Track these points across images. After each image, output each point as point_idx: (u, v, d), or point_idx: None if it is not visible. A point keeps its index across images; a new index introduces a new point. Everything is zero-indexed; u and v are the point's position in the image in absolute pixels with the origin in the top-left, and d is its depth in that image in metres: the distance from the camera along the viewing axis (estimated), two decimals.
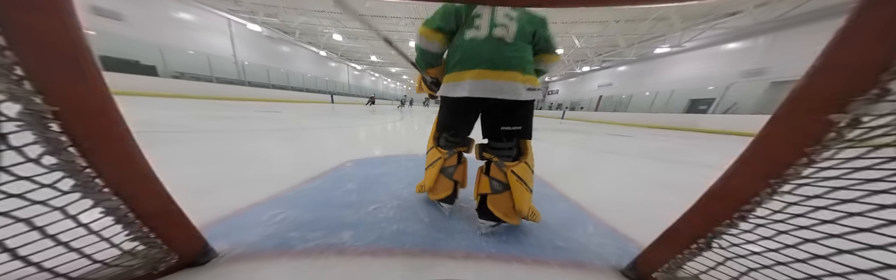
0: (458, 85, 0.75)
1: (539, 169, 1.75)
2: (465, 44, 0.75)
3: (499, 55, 0.73)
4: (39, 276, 0.43)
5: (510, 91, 0.72)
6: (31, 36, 0.33)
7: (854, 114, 0.32)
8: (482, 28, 0.74)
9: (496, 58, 0.73)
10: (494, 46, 0.73)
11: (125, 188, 0.45)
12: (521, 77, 0.73)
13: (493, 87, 0.72)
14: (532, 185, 0.82)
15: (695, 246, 0.51)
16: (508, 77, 0.72)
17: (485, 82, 0.72)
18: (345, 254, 0.67)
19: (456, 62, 0.77)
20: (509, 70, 0.72)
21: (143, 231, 0.51)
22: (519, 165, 0.79)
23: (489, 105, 0.77)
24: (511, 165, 0.79)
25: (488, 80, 0.72)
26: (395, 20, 11.47)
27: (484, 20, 0.74)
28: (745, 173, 0.43)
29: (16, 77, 0.33)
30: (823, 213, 0.39)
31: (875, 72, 0.30)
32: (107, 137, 0.42)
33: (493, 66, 0.72)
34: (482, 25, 0.74)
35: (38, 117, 0.35)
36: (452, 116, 0.88)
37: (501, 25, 0.73)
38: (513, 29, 0.74)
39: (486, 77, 0.72)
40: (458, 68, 0.76)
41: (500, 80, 0.72)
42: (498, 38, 0.73)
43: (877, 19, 0.30)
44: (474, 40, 0.74)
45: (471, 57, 0.74)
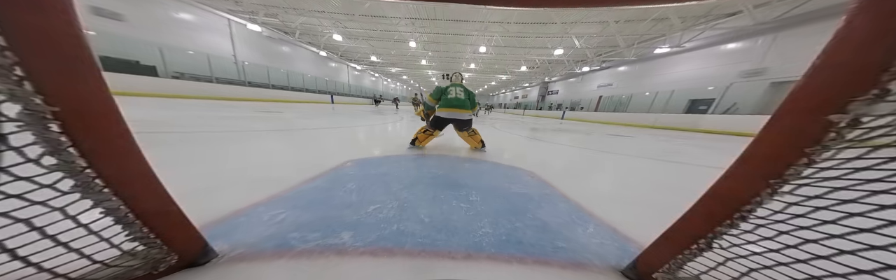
0: (448, 113, 2.24)
1: (539, 169, 1.76)
2: (448, 100, 2.24)
3: (460, 103, 2.24)
4: (40, 277, 0.43)
5: (464, 115, 2.28)
6: (31, 36, 0.33)
7: (854, 114, 0.32)
8: (452, 95, 2.26)
9: (459, 104, 2.24)
10: (458, 101, 2.24)
11: (125, 188, 0.45)
12: (467, 111, 2.29)
13: (458, 114, 2.26)
14: (480, 137, 2.49)
15: (695, 246, 0.51)
16: (463, 111, 2.26)
17: (455, 112, 2.25)
18: (345, 254, 0.67)
19: (444, 105, 2.25)
20: (463, 108, 2.26)
21: (143, 231, 0.51)
22: (471, 132, 2.45)
23: (454, 120, 2.29)
24: (466, 133, 2.44)
25: (456, 112, 2.25)
26: (395, 20, 11.47)
27: (452, 93, 2.26)
28: (746, 173, 0.43)
29: (16, 77, 0.33)
30: (824, 214, 0.39)
31: (875, 72, 0.30)
32: (107, 138, 0.42)
33: (459, 106, 2.25)
34: (452, 94, 2.26)
35: (38, 118, 0.35)
36: (441, 123, 2.31)
37: (457, 95, 2.27)
38: (462, 96, 2.28)
39: (455, 110, 2.25)
40: (445, 107, 2.24)
41: (461, 112, 2.26)
42: (459, 98, 2.26)
43: (876, 19, 0.30)
44: (451, 99, 2.24)
45: (450, 104, 2.23)
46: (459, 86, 2.32)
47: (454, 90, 2.25)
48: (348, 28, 12.58)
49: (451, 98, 2.22)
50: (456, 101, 2.22)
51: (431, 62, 20.36)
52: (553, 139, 3.87)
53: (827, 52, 0.34)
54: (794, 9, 6.78)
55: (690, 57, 9.94)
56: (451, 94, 2.23)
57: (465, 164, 1.83)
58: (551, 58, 14.67)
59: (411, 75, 30.72)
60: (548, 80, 22.50)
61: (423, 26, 11.90)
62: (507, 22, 10.85)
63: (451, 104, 2.20)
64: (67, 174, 0.39)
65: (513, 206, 1.07)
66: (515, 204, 1.09)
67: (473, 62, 18.82)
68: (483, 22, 10.96)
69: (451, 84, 2.32)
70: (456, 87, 2.27)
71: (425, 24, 11.68)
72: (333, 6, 10.12)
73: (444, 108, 2.20)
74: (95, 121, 0.40)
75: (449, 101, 2.21)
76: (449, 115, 2.21)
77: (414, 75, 30.55)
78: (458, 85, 2.32)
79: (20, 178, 0.36)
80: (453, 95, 2.23)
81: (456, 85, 2.31)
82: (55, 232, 0.41)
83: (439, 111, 2.23)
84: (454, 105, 2.21)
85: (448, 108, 2.19)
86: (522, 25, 11.22)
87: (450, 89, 2.25)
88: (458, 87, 2.28)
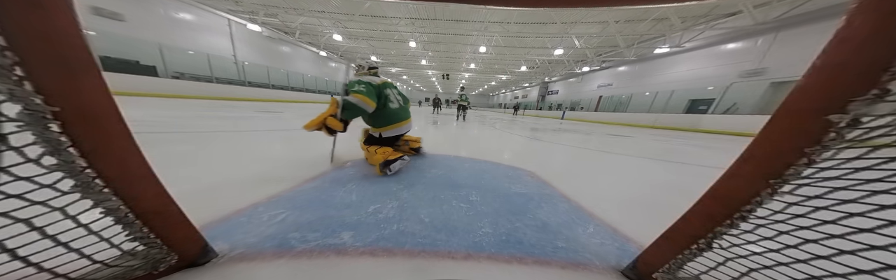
0: (401, 128, 1.63)
1: (539, 169, 1.76)
2: (393, 112, 1.57)
3: (407, 113, 1.69)
4: (40, 277, 0.43)
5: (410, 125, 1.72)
6: (31, 36, 0.33)
7: (854, 114, 0.32)
8: (394, 104, 1.58)
9: (406, 114, 1.68)
10: (405, 111, 1.67)
11: (125, 188, 0.45)
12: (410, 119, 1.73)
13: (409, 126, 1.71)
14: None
15: (695, 246, 0.51)
16: (409, 120, 1.70)
17: (405, 126, 1.65)
18: (345, 254, 0.67)
19: (391, 120, 1.57)
20: (409, 117, 1.70)
21: (143, 231, 0.51)
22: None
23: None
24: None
25: (405, 125, 1.66)
26: (395, 20, 11.47)
27: (393, 100, 1.58)
28: (746, 173, 0.43)
29: (16, 77, 0.33)
30: (824, 214, 0.39)
31: (875, 72, 0.30)
32: (107, 138, 0.42)
33: (406, 117, 1.66)
34: (394, 103, 1.57)
35: (39, 118, 0.35)
36: (394, 140, 1.71)
37: (399, 102, 1.63)
38: (401, 99, 1.68)
39: (405, 123, 1.65)
40: (395, 122, 1.58)
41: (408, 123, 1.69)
42: (405, 107, 1.70)
43: (876, 19, 0.30)
44: (397, 111, 1.59)
45: (398, 118, 1.60)
46: (393, 87, 1.64)
47: (393, 94, 1.59)
48: (348, 28, 12.58)
49: (397, 109, 1.58)
50: (403, 112, 1.64)
51: (431, 62, 20.35)
52: (553, 139, 3.87)
53: (827, 52, 0.34)
54: (794, 9, 6.78)
55: (690, 57, 9.94)
56: (393, 103, 1.55)
57: (464, 164, 1.83)
58: (551, 58, 14.67)
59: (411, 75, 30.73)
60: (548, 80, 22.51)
61: (423, 26, 11.90)
62: (507, 22, 10.85)
63: (401, 117, 1.59)
64: (67, 174, 0.39)
65: (513, 206, 1.07)
66: (515, 204, 1.09)
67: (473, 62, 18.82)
68: (483, 22, 10.97)
69: (384, 84, 1.56)
70: (392, 90, 1.61)
71: (425, 24, 11.68)
72: (333, 6, 10.13)
73: (393, 126, 1.57)
74: (95, 121, 0.40)
75: (395, 113, 1.56)
76: (399, 132, 1.63)
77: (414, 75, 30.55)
78: (390, 85, 1.62)
79: (20, 178, 0.36)
80: (397, 105, 1.58)
81: (389, 85, 1.60)
82: (55, 232, 0.41)
83: (389, 129, 1.57)
84: (403, 117, 1.61)
85: (398, 123, 1.58)
86: (522, 25, 11.22)
87: (387, 93, 1.55)
88: (393, 90, 1.63)
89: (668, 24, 9.19)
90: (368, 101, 1.37)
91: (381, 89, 1.50)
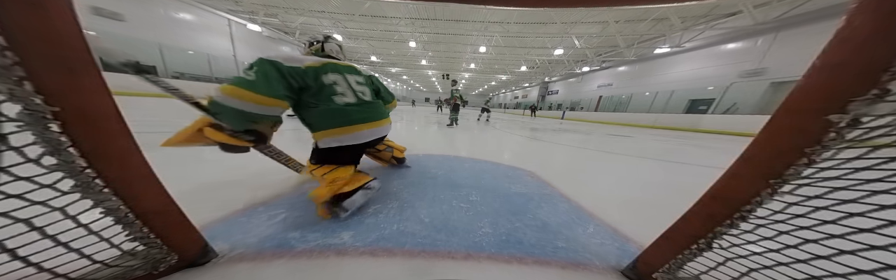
0: (357, 135, 0.97)
1: (539, 169, 1.76)
2: (340, 111, 0.93)
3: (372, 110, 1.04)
4: (39, 277, 0.43)
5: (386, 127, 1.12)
6: (31, 36, 0.33)
7: (854, 114, 0.32)
8: (345, 97, 0.95)
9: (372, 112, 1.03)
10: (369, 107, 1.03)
11: (125, 188, 0.45)
12: (387, 120, 1.13)
13: (378, 130, 1.05)
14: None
15: (695, 246, 0.51)
16: (382, 122, 1.08)
17: (377, 130, 1.04)
18: (345, 254, 0.67)
19: (339, 121, 0.94)
20: (382, 116, 1.09)
21: (143, 231, 0.51)
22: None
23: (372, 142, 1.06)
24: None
25: (380, 129, 1.06)
26: (395, 20, 11.47)
27: (341, 88, 0.95)
28: (746, 173, 0.43)
29: (16, 77, 0.33)
30: (824, 214, 0.39)
31: (875, 72, 0.30)
32: (107, 138, 0.42)
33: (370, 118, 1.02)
34: (344, 95, 0.95)
35: (39, 118, 0.35)
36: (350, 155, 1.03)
37: (357, 90, 1.01)
38: (366, 89, 1.07)
39: (371, 125, 1.01)
40: (345, 124, 0.94)
41: (380, 124, 1.06)
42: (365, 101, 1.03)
43: (876, 19, 0.30)
44: (351, 107, 0.96)
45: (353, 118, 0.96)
46: (352, 72, 1.02)
47: (345, 83, 0.96)
48: (348, 28, 12.58)
49: (351, 105, 0.95)
50: (367, 112, 1.00)
51: (431, 62, 20.35)
52: (553, 139, 3.87)
53: (827, 52, 0.34)
54: (794, 9, 6.78)
55: (690, 57, 9.94)
56: (341, 96, 0.93)
57: (464, 164, 1.83)
58: (551, 58, 14.67)
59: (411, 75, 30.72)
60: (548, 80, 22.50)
61: (423, 26, 11.90)
62: (507, 22, 10.85)
63: (355, 118, 0.95)
64: (67, 174, 0.39)
65: (513, 206, 1.07)
66: (515, 204, 1.09)
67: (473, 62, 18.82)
68: (483, 22, 10.97)
69: (325, 66, 0.92)
70: (349, 76, 0.98)
71: (425, 24, 11.68)
72: (333, 6, 10.13)
73: (339, 130, 0.93)
74: (95, 121, 0.40)
75: (342, 111, 0.93)
76: (354, 140, 0.96)
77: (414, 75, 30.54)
78: (346, 69, 0.99)
79: (20, 178, 0.36)
80: (351, 99, 0.96)
81: (340, 69, 0.96)
82: (55, 232, 0.41)
83: (332, 135, 0.93)
84: (361, 118, 0.97)
85: (348, 126, 0.94)
86: (522, 25, 11.22)
87: (332, 80, 0.92)
88: (352, 76, 1.00)
89: (668, 24, 9.19)
90: (250, 96, 0.74)
91: (316, 74, 0.87)
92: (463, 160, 1.96)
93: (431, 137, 3.30)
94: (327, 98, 0.91)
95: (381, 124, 1.05)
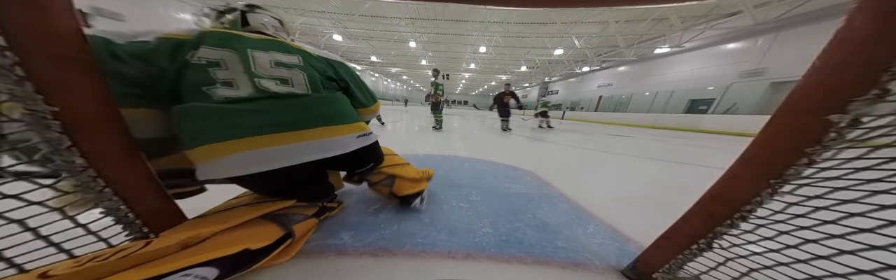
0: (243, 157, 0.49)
1: (539, 169, 1.76)
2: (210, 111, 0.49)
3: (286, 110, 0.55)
4: None
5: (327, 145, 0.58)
6: (32, 36, 0.33)
7: (854, 114, 0.32)
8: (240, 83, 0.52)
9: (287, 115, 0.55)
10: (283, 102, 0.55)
11: (125, 188, 0.45)
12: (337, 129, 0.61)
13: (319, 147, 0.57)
14: (401, 160, 0.97)
15: (695, 246, 0.51)
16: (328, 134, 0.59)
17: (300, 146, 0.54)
18: (345, 254, 0.67)
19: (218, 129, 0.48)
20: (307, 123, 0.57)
21: (143, 231, 0.51)
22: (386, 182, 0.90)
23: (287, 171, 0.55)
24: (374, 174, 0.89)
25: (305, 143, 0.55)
26: (395, 20, 11.48)
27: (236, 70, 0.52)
28: (746, 173, 0.43)
29: (16, 77, 0.33)
30: (824, 214, 0.39)
31: (875, 72, 0.30)
32: (107, 137, 0.42)
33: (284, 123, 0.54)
34: (237, 80, 0.52)
35: (38, 117, 0.35)
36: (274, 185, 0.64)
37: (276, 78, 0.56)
38: (298, 80, 0.59)
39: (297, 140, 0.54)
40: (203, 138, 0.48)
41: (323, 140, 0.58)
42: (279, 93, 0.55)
43: (876, 19, 0.30)
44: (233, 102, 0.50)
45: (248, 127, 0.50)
46: (269, 44, 0.60)
47: (239, 60, 0.53)
48: (348, 28, 12.57)
49: (243, 100, 0.51)
50: (281, 108, 0.54)
51: (431, 62, 20.35)
52: (553, 139, 3.86)
53: (827, 52, 0.34)
54: (794, 9, 6.78)
55: (690, 57, 9.94)
56: (222, 85, 0.50)
57: (464, 163, 1.83)
58: (551, 58, 14.67)
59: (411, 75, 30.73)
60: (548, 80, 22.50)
61: (423, 26, 11.90)
62: (507, 22, 10.85)
63: (252, 121, 0.50)
64: (67, 174, 0.39)
65: (513, 205, 1.07)
66: (515, 204, 1.09)
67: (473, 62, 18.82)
68: (483, 22, 10.97)
69: (217, 31, 0.55)
70: (261, 51, 0.57)
71: (425, 24, 11.68)
72: (333, 6, 10.12)
73: (213, 147, 0.47)
74: (95, 120, 0.40)
75: (220, 113, 0.48)
76: (260, 161, 0.50)
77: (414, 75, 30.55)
78: (265, 42, 0.60)
79: (20, 178, 0.36)
80: (242, 89, 0.52)
81: (254, 40, 0.58)
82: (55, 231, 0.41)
83: (204, 159, 0.47)
84: (270, 123, 0.52)
85: (231, 139, 0.48)
86: (522, 25, 11.22)
87: (206, 55, 0.50)
88: (266, 51, 0.58)
89: (668, 24, 9.19)
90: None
91: (174, 51, 0.49)
92: (463, 160, 1.96)
93: (432, 137, 3.30)
94: (192, 90, 0.49)
95: (313, 137, 0.56)
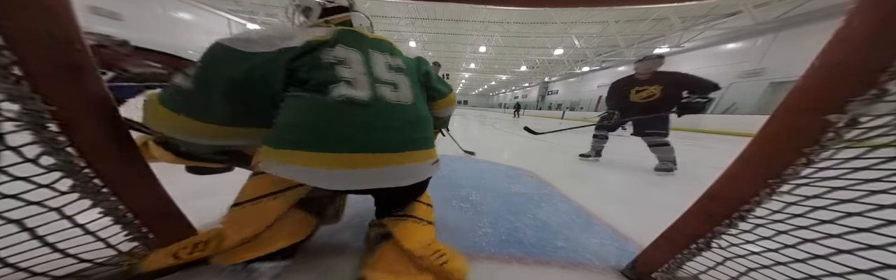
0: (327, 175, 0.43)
1: (539, 169, 1.76)
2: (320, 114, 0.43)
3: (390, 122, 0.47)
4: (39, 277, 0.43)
5: (404, 171, 0.49)
6: (31, 36, 0.33)
7: (852, 114, 0.32)
8: (340, 89, 0.44)
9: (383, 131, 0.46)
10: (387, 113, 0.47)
11: (124, 188, 0.45)
12: (417, 156, 0.50)
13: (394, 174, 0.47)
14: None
15: (694, 246, 0.51)
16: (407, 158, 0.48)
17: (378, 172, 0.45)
18: (346, 254, 0.67)
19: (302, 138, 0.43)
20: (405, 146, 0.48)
21: (142, 231, 0.51)
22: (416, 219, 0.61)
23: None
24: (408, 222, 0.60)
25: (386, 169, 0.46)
26: (395, 20, 11.47)
27: (357, 71, 0.47)
28: (745, 173, 0.43)
29: (14, 77, 0.33)
30: (822, 213, 0.39)
31: (873, 72, 0.30)
32: (105, 137, 0.42)
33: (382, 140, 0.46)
34: (358, 81, 0.46)
35: (37, 117, 0.35)
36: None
37: (388, 83, 0.50)
38: (406, 87, 0.52)
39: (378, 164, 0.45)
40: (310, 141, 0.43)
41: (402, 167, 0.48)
42: (387, 101, 0.48)
43: (876, 19, 0.30)
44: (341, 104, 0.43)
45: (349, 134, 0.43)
46: (381, 43, 0.55)
47: (362, 60, 0.49)
48: None
49: (359, 103, 0.44)
50: (387, 119, 0.47)
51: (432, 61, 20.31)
52: (553, 139, 3.87)
53: (826, 52, 0.34)
54: (794, 9, 6.78)
55: (690, 57, 9.94)
56: (345, 83, 0.44)
57: (464, 163, 1.83)
58: (551, 58, 14.67)
59: None
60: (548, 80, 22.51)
61: (423, 26, 11.89)
62: (507, 22, 10.85)
63: (357, 134, 0.43)
64: (66, 174, 0.39)
65: (512, 205, 1.07)
66: (515, 204, 1.09)
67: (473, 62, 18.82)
68: (483, 22, 10.97)
69: (344, 30, 0.51)
70: (378, 52, 0.52)
71: (425, 23, 11.68)
72: None
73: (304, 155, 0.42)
74: (94, 120, 0.40)
75: (335, 115, 0.43)
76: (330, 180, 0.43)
77: None
78: (378, 42, 0.55)
79: (18, 178, 0.36)
80: (361, 90, 0.45)
81: (371, 40, 0.54)
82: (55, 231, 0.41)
83: (283, 160, 0.43)
84: (371, 140, 0.44)
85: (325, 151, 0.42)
86: (522, 25, 11.22)
87: (335, 55, 0.46)
88: (382, 52, 0.53)
89: (668, 24, 9.19)
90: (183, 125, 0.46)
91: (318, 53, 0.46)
92: (463, 160, 1.96)
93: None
94: (317, 85, 0.44)
95: (408, 160, 0.49)
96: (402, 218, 0.61)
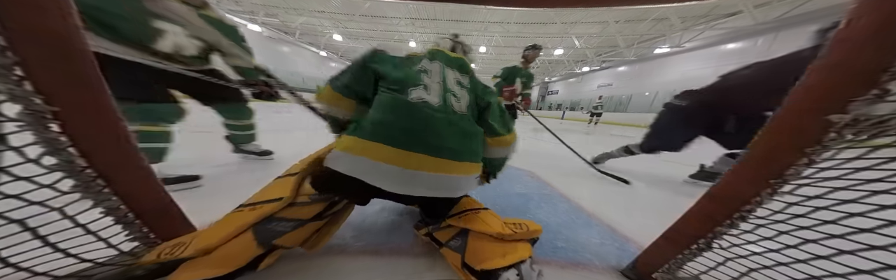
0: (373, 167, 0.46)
1: (539, 170, 1.75)
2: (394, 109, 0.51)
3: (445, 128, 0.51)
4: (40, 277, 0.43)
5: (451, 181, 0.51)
6: (31, 36, 0.33)
7: (854, 114, 0.32)
8: (417, 92, 0.53)
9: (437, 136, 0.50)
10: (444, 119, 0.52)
11: (125, 188, 0.45)
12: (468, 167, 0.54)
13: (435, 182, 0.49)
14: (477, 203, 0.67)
15: (695, 246, 0.51)
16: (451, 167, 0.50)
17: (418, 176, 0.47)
18: (346, 254, 0.67)
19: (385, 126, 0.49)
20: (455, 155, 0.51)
21: (143, 231, 0.51)
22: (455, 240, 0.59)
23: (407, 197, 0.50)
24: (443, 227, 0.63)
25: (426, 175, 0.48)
26: (395, 20, 11.48)
27: (434, 80, 0.58)
28: (746, 173, 0.43)
29: (16, 77, 0.33)
30: (824, 214, 0.39)
31: (874, 72, 0.30)
32: (107, 138, 0.42)
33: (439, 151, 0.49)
34: (432, 87, 0.56)
35: (38, 117, 0.35)
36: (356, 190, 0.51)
37: (452, 93, 0.57)
38: (465, 102, 0.59)
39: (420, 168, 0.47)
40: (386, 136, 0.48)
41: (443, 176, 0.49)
42: (446, 106, 0.54)
43: (876, 19, 0.30)
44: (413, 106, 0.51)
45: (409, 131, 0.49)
46: (460, 62, 0.67)
47: (440, 72, 0.60)
48: (348, 28, 12.59)
49: (430, 105, 0.51)
50: (443, 125, 0.51)
51: None
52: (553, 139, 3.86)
53: (827, 52, 0.34)
54: (795, 9, 6.78)
55: (690, 57, 9.95)
56: (422, 88, 0.54)
57: None
58: (551, 58, 14.68)
59: None
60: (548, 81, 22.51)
61: (423, 26, 11.91)
62: (507, 22, 10.86)
63: (413, 131, 0.48)
64: (67, 174, 0.39)
65: (513, 205, 1.07)
66: (515, 204, 1.09)
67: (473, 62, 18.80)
68: (483, 22, 10.98)
69: (436, 49, 0.68)
70: (453, 70, 0.63)
71: (425, 24, 11.69)
72: (333, 6, 10.13)
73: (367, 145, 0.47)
74: (95, 120, 0.40)
75: (405, 109, 0.50)
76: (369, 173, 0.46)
77: None
78: (458, 60, 0.67)
79: (20, 178, 0.36)
80: (434, 96, 0.53)
81: (452, 59, 0.66)
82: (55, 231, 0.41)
83: (350, 151, 0.47)
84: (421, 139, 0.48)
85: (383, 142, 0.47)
86: (522, 25, 11.23)
87: (422, 65, 0.60)
88: (457, 70, 0.64)
89: (668, 24, 9.20)
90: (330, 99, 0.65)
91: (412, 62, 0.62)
92: None
93: None
94: (399, 85, 0.54)
95: (456, 171, 0.51)
96: (461, 215, 0.62)
